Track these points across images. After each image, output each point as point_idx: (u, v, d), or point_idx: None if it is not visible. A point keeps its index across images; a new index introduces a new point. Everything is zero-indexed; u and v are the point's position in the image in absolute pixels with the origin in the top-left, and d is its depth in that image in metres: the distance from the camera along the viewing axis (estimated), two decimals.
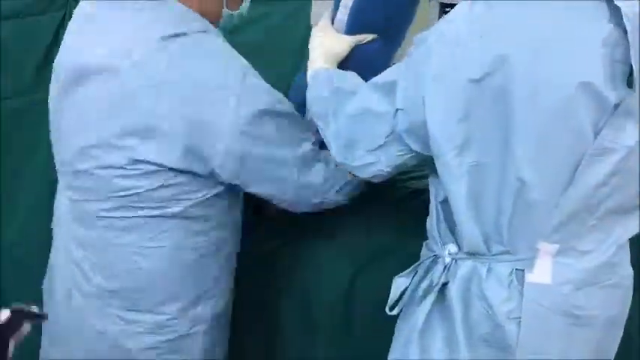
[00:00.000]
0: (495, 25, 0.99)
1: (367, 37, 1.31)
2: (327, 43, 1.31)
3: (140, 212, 1.20)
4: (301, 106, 1.31)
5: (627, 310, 1.15)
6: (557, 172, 0.99)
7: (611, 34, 0.95)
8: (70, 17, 1.68)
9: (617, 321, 1.13)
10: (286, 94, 1.35)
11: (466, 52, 0.99)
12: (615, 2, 0.96)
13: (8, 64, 1.64)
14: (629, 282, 1.13)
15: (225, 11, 1.28)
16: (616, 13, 0.96)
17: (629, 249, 1.13)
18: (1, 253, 1.62)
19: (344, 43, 1.30)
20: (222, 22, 1.30)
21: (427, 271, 1.14)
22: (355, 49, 1.30)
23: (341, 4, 1.33)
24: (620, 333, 1.15)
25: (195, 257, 1.25)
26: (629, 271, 1.13)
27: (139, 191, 1.18)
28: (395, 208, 1.47)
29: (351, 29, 1.31)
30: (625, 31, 0.94)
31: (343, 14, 1.32)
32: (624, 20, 0.94)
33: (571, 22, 0.97)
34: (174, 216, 1.20)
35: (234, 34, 1.59)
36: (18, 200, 1.64)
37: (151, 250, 1.21)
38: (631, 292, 1.14)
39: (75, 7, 1.67)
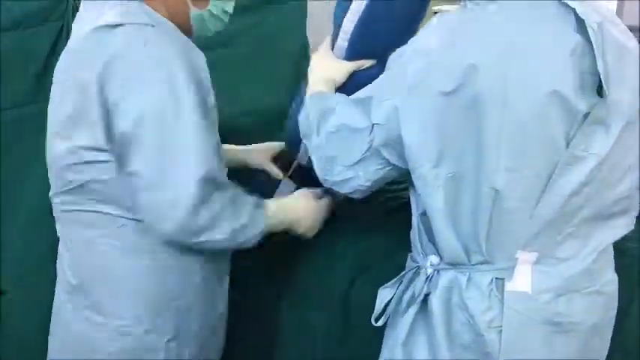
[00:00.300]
0: (466, 36, 1.01)
1: (366, 64, 1.32)
2: (326, 68, 1.33)
3: (95, 207, 1.20)
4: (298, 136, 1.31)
5: (613, 316, 1.16)
6: (530, 181, 1.00)
7: (578, 45, 0.98)
8: (68, 27, 1.71)
9: (602, 327, 1.14)
10: (281, 105, 1.36)
11: (438, 64, 1.01)
12: (580, 15, 0.98)
13: (7, 75, 1.66)
14: (613, 288, 1.14)
15: (194, 11, 1.27)
16: (581, 25, 0.98)
17: (612, 255, 1.14)
18: (2, 262, 1.65)
19: (343, 69, 1.32)
20: (197, 29, 1.30)
21: (410, 282, 1.16)
22: (354, 75, 1.32)
23: (341, 30, 1.34)
24: (607, 339, 1.16)
25: (151, 261, 1.22)
26: (612, 277, 1.14)
27: (82, 183, 1.19)
28: (387, 218, 1.49)
29: (351, 55, 1.33)
30: (590, 42, 0.96)
31: (343, 40, 1.33)
32: (589, 31, 0.97)
33: (539, 32, 0.99)
34: (128, 211, 1.19)
35: (226, 46, 1.62)
36: (18, 210, 1.66)
37: (107, 248, 1.21)
38: (615, 298, 1.15)
39: (73, 18, 1.72)
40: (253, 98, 1.76)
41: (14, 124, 1.66)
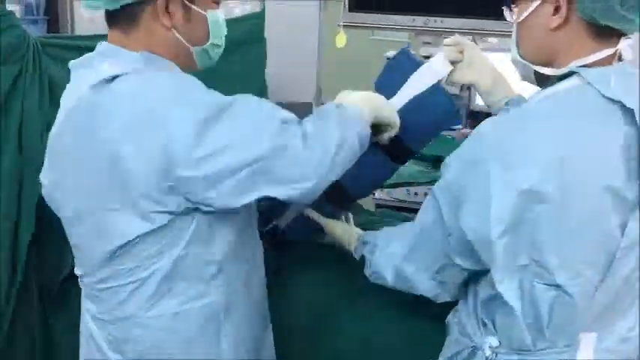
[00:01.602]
0: (518, 145, 1.03)
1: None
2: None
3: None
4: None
5: None
6: (590, 272, 1.03)
7: (627, 135, 1.01)
8: (27, 70, 1.73)
9: None
10: None
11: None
12: (627, 105, 1.01)
13: None
14: None
15: (196, 50, 1.25)
16: (629, 114, 1.01)
17: None
18: None
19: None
20: (200, 62, 1.29)
21: None
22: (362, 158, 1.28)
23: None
24: None
25: None
26: None
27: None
28: None
29: None
30: (638, 130, 1.01)
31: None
32: (637, 120, 1.01)
33: (590, 131, 1.02)
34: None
35: None
36: None
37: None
38: None
39: (32, 61, 1.73)
40: None
41: None
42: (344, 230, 1.46)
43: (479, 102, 2.29)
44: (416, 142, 1.42)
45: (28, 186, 1.74)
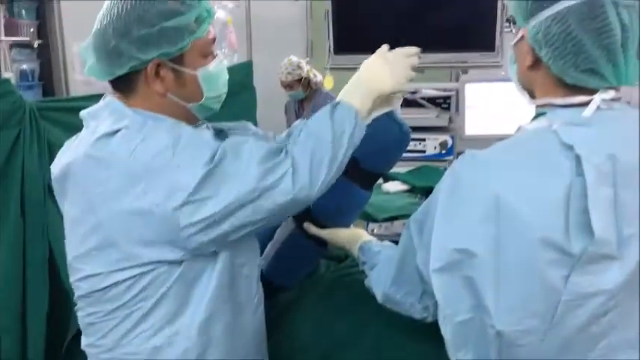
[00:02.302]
0: (465, 186, 1.04)
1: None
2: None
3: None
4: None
5: None
6: (533, 322, 0.98)
7: (573, 186, 0.95)
8: (25, 134, 1.77)
9: None
10: None
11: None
12: (577, 151, 0.96)
13: None
14: None
15: (193, 106, 1.27)
16: (578, 164, 0.96)
17: None
18: None
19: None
20: (201, 114, 1.30)
21: None
22: None
23: None
24: None
25: None
26: None
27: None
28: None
29: None
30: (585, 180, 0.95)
31: None
32: (585, 171, 0.95)
33: (533, 183, 0.98)
34: None
35: None
36: None
37: None
38: None
39: (30, 125, 1.78)
40: None
41: None
42: (347, 239, 1.45)
43: (468, 132, 2.34)
44: (374, 166, 1.46)
45: (31, 248, 1.78)
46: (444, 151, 2.58)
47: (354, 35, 2.35)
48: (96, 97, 1.30)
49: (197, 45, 1.22)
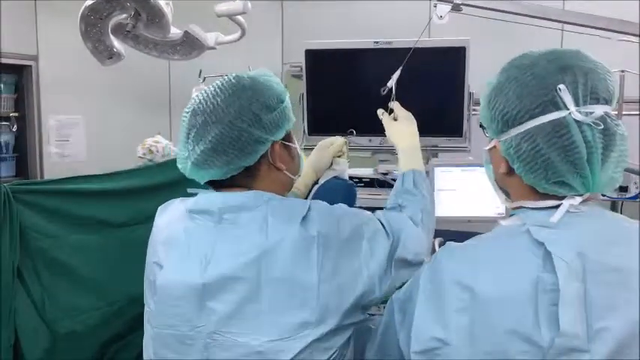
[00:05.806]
0: (441, 277, 1.10)
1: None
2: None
3: None
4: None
5: None
6: None
7: (542, 282, 0.99)
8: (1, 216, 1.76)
9: None
10: None
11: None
12: (548, 247, 1.01)
13: None
14: None
15: (297, 178, 1.41)
16: (546, 260, 1.01)
17: None
18: None
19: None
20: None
21: None
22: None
23: None
24: None
25: None
26: None
27: None
28: None
29: None
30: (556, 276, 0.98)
31: None
32: (556, 267, 0.99)
33: (504, 277, 1.03)
34: None
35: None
36: None
37: None
38: None
39: (3, 208, 1.77)
40: None
41: None
42: None
43: (439, 213, 2.36)
44: None
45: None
46: None
47: (327, 118, 2.43)
48: (71, 180, 1.30)
49: None
